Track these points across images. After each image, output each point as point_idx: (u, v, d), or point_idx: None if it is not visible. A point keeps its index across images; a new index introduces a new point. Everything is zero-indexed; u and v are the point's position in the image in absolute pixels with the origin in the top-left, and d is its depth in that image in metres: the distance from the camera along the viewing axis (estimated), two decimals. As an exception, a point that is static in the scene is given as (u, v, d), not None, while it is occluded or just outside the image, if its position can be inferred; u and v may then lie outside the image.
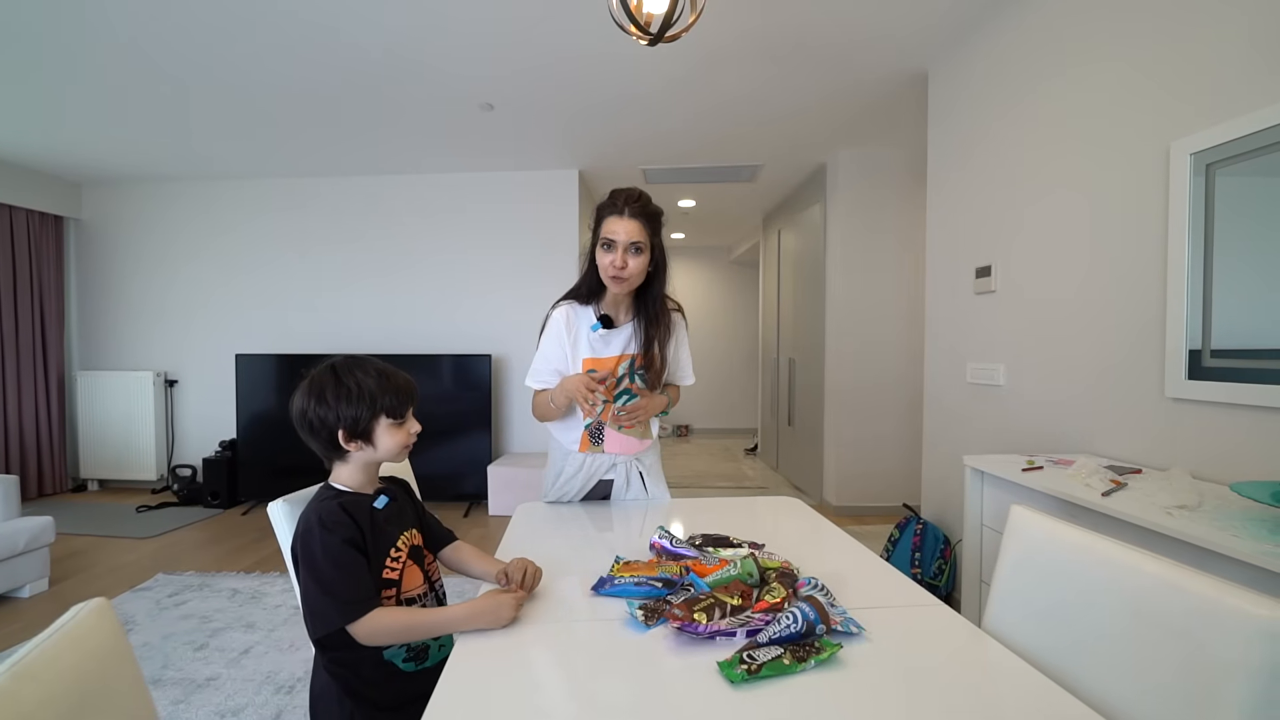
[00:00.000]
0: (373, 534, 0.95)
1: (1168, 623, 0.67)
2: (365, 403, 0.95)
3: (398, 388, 0.99)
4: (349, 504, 0.94)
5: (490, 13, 2.23)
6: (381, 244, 4.30)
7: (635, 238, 1.32)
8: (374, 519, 0.97)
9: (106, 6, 2.17)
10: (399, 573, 0.97)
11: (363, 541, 0.92)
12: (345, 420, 0.94)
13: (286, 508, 1.05)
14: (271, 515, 1.04)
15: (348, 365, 0.98)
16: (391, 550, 0.97)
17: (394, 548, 0.98)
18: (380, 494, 1.01)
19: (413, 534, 1.04)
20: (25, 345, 4.12)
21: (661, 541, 1.13)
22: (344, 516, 0.91)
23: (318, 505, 0.94)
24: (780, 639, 0.79)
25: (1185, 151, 1.41)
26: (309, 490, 1.05)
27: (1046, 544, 0.85)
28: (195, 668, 1.99)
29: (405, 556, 1.00)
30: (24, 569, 2.51)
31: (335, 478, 1.00)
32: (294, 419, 0.97)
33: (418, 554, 1.04)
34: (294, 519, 1.01)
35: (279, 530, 1.03)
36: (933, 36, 2.39)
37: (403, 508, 1.05)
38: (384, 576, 0.95)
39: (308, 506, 0.96)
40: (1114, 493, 1.29)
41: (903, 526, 2.58)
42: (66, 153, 3.76)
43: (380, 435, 0.97)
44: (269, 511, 1.05)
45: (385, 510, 0.99)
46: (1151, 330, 1.54)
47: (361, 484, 1.00)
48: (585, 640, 0.84)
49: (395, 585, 0.96)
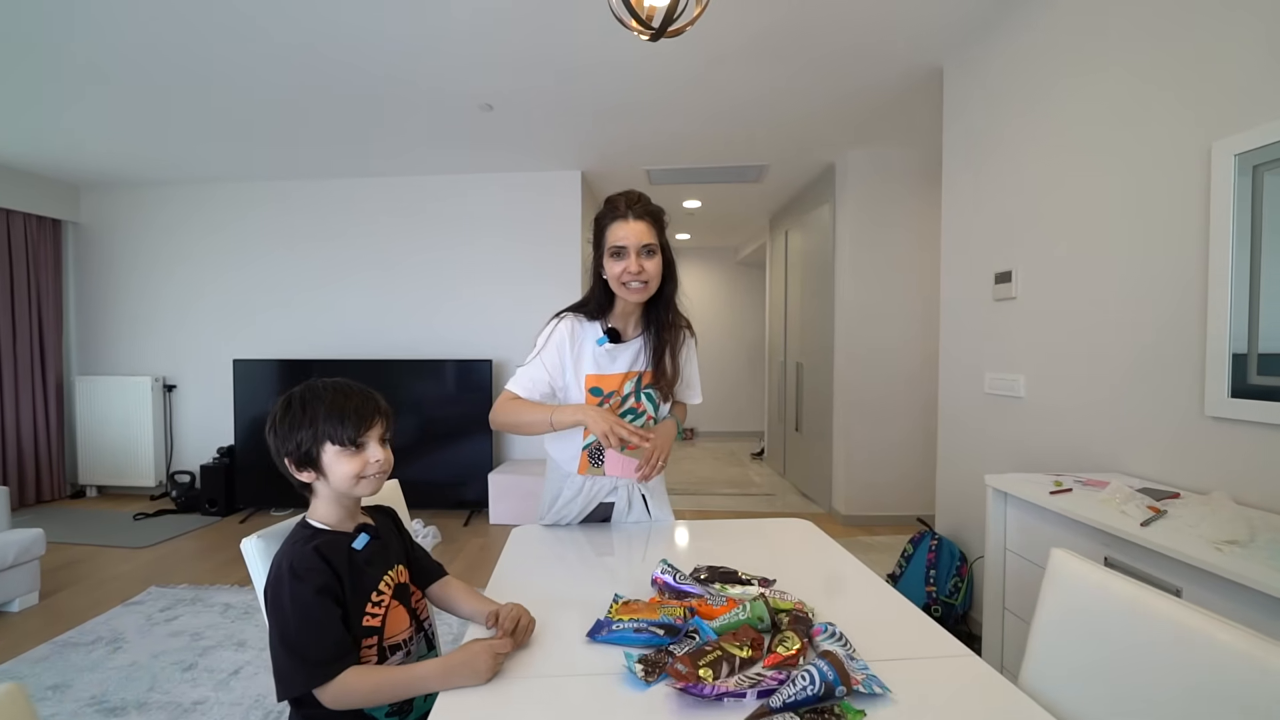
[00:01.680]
0: (351, 578, 0.87)
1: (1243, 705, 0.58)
2: (308, 427, 0.86)
3: (347, 410, 0.87)
4: (325, 546, 0.86)
5: (490, 13, 2.15)
6: (382, 247, 4.24)
7: (646, 239, 1.25)
8: (353, 561, 0.88)
9: (101, 13, 2.10)
10: (381, 618, 0.89)
11: (340, 589, 0.84)
12: (288, 449, 0.86)
13: (261, 544, 0.97)
14: (245, 553, 0.96)
15: (309, 388, 0.90)
16: (373, 594, 0.89)
17: (375, 591, 0.90)
18: (361, 530, 0.93)
19: (399, 571, 0.96)
20: (23, 350, 4.07)
21: (664, 577, 1.05)
22: (317, 562, 0.83)
23: (290, 549, 0.86)
24: (795, 703, 0.71)
25: (1229, 152, 1.31)
26: (288, 524, 0.98)
27: (1094, 597, 0.76)
28: (183, 690, 1.92)
29: (389, 598, 0.92)
30: (13, 583, 2.45)
31: (312, 513, 0.92)
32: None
33: (403, 592, 0.96)
34: (269, 557, 0.93)
35: (253, 570, 0.95)
36: (949, 31, 2.29)
37: (387, 543, 0.97)
38: (364, 624, 0.87)
39: (281, 548, 0.88)
40: (1153, 521, 1.19)
41: (916, 542, 2.48)
42: (64, 156, 3.71)
43: (329, 464, 0.87)
44: (242, 548, 0.97)
45: (366, 550, 0.91)
46: (1189, 343, 1.44)
47: (339, 519, 0.92)
48: (579, 699, 0.76)
49: (377, 633, 0.88)
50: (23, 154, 3.68)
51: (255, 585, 0.94)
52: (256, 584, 0.93)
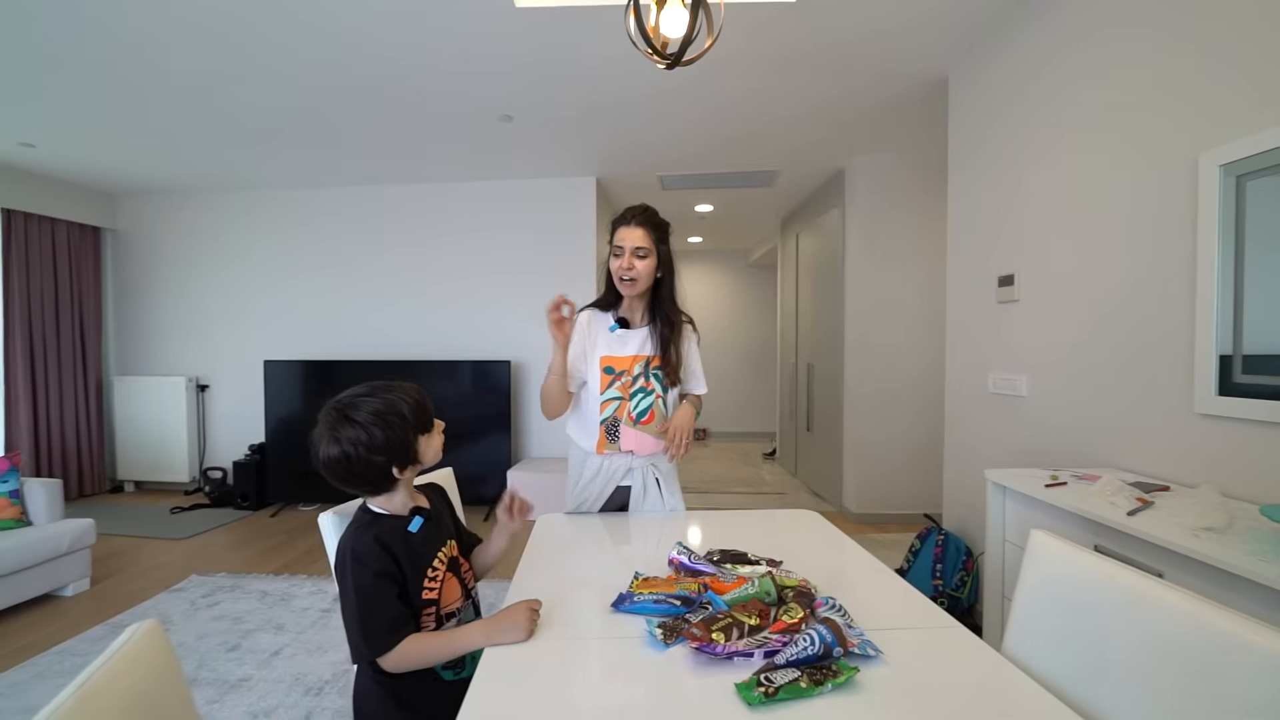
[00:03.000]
0: (409, 559, 0.98)
1: (1190, 657, 0.66)
2: (409, 430, 0.98)
3: (421, 404, 1.02)
4: (385, 532, 0.98)
5: (512, 31, 2.27)
6: (403, 252, 4.39)
7: (640, 243, 1.47)
8: (409, 544, 1.00)
9: (138, 23, 2.25)
10: (438, 590, 1.01)
11: (397, 570, 0.96)
12: (396, 456, 0.97)
13: (336, 520, 1.10)
14: (321, 525, 1.11)
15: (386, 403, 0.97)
16: (429, 570, 1.01)
17: (430, 567, 1.01)
18: (415, 514, 1.04)
19: (450, 546, 1.08)
20: (66, 352, 4.28)
21: (680, 557, 1.15)
22: (376, 548, 0.95)
23: (354, 535, 0.98)
24: (797, 661, 0.80)
25: (1214, 163, 1.38)
26: (354, 504, 1.09)
27: (1066, 570, 0.85)
28: (228, 668, 2.06)
29: (444, 572, 1.03)
30: (67, 569, 2.62)
31: (372, 500, 1.03)
32: (328, 468, 0.94)
33: (455, 565, 1.08)
34: (340, 529, 1.06)
35: (327, 540, 1.09)
36: (953, 40, 2.37)
37: (439, 522, 1.09)
38: (424, 597, 0.99)
39: (345, 531, 1.00)
40: (1140, 511, 1.27)
41: (924, 537, 2.55)
42: (102, 165, 3.91)
43: (422, 450, 1.02)
44: (319, 522, 1.11)
45: (421, 532, 1.02)
46: (1179, 343, 1.51)
47: (398, 505, 1.03)
48: (606, 657, 0.86)
49: (435, 604, 1.00)
50: (63, 165, 3.88)
51: (329, 555, 1.07)
52: (330, 555, 1.07)
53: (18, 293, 3.96)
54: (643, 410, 1.52)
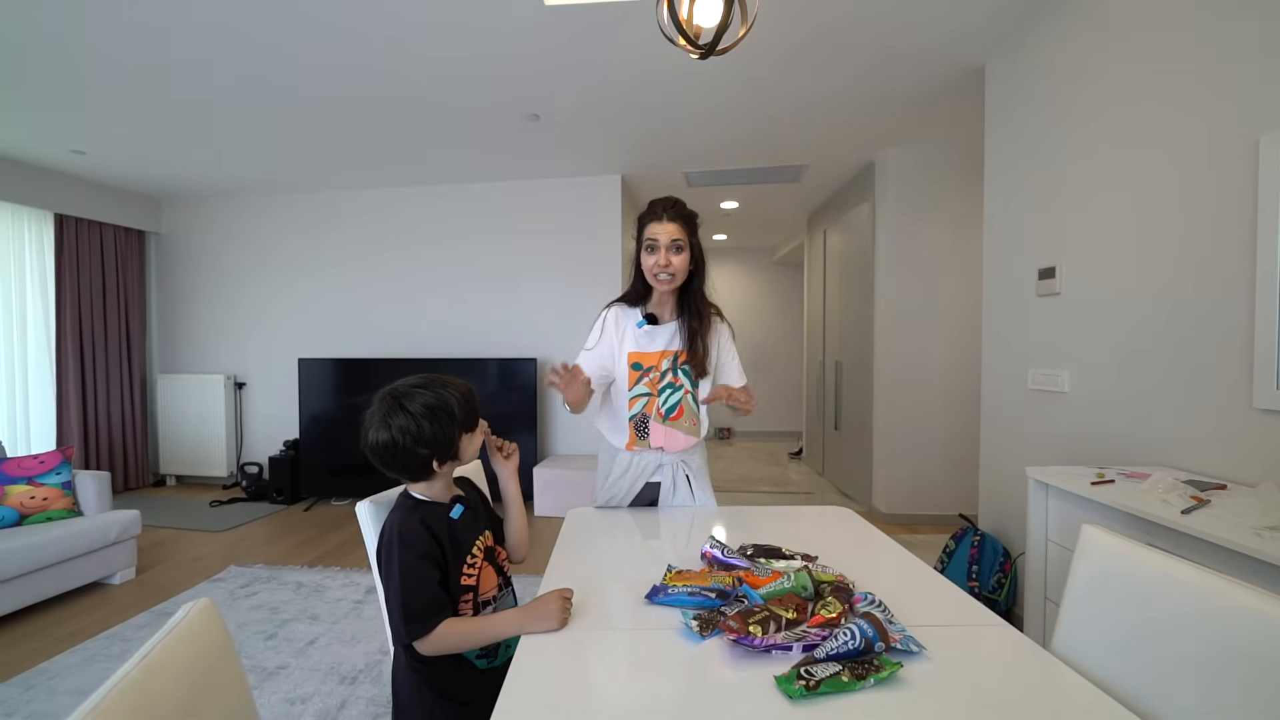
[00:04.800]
0: (451, 545, 1.00)
1: (1261, 658, 0.63)
2: (456, 427, 1.00)
3: (471, 403, 1.04)
4: (429, 517, 1.00)
5: (542, 30, 2.28)
6: (431, 251, 4.46)
7: (675, 236, 1.44)
8: (451, 529, 1.02)
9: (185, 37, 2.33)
10: (476, 577, 1.02)
11: (440, 555, 0.97)
12: (440, 450, 0.99)
13: (373, 509, 1.12)
14: (359, 514, 1.12)
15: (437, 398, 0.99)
16: (468, 557, 1.02)
17: (469, 554, 1.03)
18: (456, 502, 1.06)
19: (486, 535, 1.09)
20: (113, 350, 4.46)
21: (713, 551, 1.13)
22: (423, 531, 0.97)
23: (400, 518, 0.99)
24: (838, 655, 0.79)
25: (1277, 145, 1.31)
26: (391, 493, 1.12)
27: (1121, 566, 0.81)
28: (266, 656, 2.12)
29: (481, 560, 1.05)
30: (115, 558, 2.73)
31: (413, 487, 1.05)
32: (374, 452, 0.98)
33: (491, 554, 1.09)
34: (379, 519, 1.08)
35: (365, 529, 1.11)
36: (989, 29, 2.30)
37: (476, 512, 1.11)
38: (463, 583, 1.00)
39: (391, 514, 1.02)
40: (1195, 510, 1.21)
41: (959, 537, 2.49)
42: (148, 171, 4.06)
43: (463, 447, 1.03)
44: (357, 511, 1.12)
45: (461, 520, 1.04)
46: (1238, 335, 1.44)
47: (439, 493, 1.05)
48: (642, 648, 0.86)
49: (473, 590, 1.01)
50: (111, 171, 4.04)
51: (366, 543, 1.09)
52: (367, 540, 1.09)
53: (69, 294, 4.14)
54: (671, 406, 1.51)
